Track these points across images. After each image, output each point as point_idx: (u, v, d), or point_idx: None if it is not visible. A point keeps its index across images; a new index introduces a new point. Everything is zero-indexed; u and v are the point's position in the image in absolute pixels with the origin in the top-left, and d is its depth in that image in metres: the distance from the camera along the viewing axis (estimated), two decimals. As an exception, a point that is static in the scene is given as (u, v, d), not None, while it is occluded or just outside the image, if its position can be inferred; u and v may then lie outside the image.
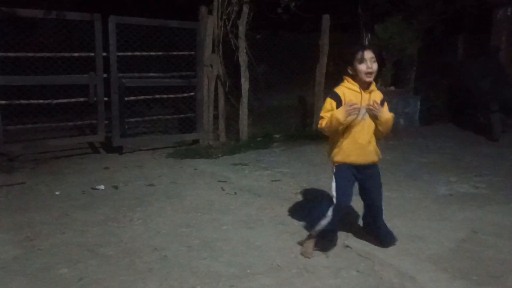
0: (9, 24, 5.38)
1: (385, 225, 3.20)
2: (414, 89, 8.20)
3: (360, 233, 3.44)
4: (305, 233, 3.30)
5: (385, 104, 3.01)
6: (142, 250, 3.15)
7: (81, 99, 5.86)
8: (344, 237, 3.37)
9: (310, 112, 7.39)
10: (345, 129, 2.91)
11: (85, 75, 5.75)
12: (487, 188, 4.67)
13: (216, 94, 6.66)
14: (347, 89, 2.89)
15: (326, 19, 7.21)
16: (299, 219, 3.69)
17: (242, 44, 6.53)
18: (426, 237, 3.39)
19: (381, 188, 3.17)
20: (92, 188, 4.53)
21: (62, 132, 6.46)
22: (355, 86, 2.88)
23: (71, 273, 2.82)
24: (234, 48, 6.61)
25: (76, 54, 5.75)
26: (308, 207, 3.93)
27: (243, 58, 6.56)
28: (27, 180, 4.75)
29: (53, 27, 5.72)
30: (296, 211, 3.90)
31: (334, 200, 3.00)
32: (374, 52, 2.85)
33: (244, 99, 6.65)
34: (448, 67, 8.64)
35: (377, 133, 3.05)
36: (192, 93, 6.58)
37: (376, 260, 3.00)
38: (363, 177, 3.07)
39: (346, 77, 2.92)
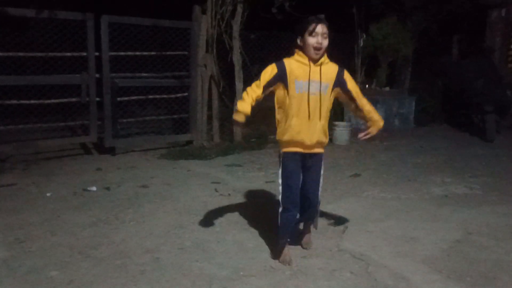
0: (0, 23, 5.32)
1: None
2: (409, 89, 8.21)
3: (354, 235, 3.42)
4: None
5: (349, 77, 2.84)
6: (134, 252, 3.10)
7: (73, 99, 5.81)
8: (338, 239, 3.35)
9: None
10: (295, 104, 2.73)
11: (77, 75, 5.69)
12: (481, 189, 4.67)
13: (210, 95, 6.62)
14: (295, 61, 2.72)
15: (320, 19, 7.19)
16: (293, 220, 3.65)
17: (236, 44, 6.50)
18: (420, 238, 3.37)
19: (320, 179, 2.95)
20: (84, 190, 4.47)
21: (54, 132, 6.40)
22: (304, 59, 2.71)
23: (61, 275, 2.77)
24: (228, 48, 6.58)
25: (68, 54, 5.70)
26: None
27: (237, 58, 6.53)
28: (18, 181, 4.69)
29: (44, 26, 5.66)
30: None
31: (280, 194, 2.89)
32: (328, 28, 2.68)
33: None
34: (443, 68, 8.66)
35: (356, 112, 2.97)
36: (185, 94, 6.54)
37: (370, 261, 2.97)
38: (308, 163, 2.88)
39: (297, 50, 2.74)
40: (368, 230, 3.52)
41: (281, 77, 2.73)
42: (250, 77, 7.12)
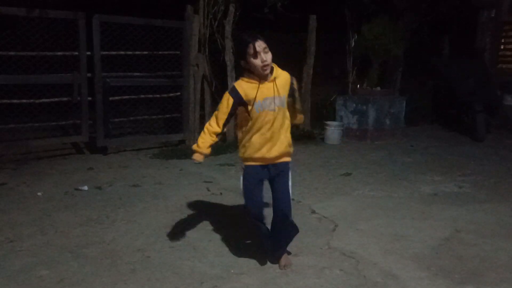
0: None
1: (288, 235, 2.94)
2: (400, 89, 8.26)
3: (344, 233, 3.45)
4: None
5: (296, 84, 2.85)
6: (125, 251, 3.11)
7: (65, 99, 5.78)
8: (328, 237, 3.37)
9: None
10: (257, 123, 2.70)
11: (68, 74, 5.67)
12: (470, 187, 4.72)
13: (202, 94, 6.62)
14: (245, 83, 2.67)
15: (313, 20, 7.23)
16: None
17: (229, 44, 6.50)
18: (409, 236, 3.40)
19: (289, 188, 2.87)
20: (75, 189, 4.46)
21: (45, 132, 6.35)
22: (254, 79, 2.66)
23: (51, 274, 2.77)
24: (220, 47, 6.59)
25: (59, 53, 5.67)
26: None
27: (229, 57, 6.53)
28: (9, 181, 4.67)
29: (36, 25, 5.62)
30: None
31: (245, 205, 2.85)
32: (265, 41, 2.62)
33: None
34: (434, 68, 8.72)
35: (294, 119, 2.91)
36: (178, 93, 6.53)
37: (359, 259, 3.00)
38: (272, 174, 2.80)
39: (244, 72, 2.69)
40: (358, 228, 3.55)
41: (239, 103, 2.68)
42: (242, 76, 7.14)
